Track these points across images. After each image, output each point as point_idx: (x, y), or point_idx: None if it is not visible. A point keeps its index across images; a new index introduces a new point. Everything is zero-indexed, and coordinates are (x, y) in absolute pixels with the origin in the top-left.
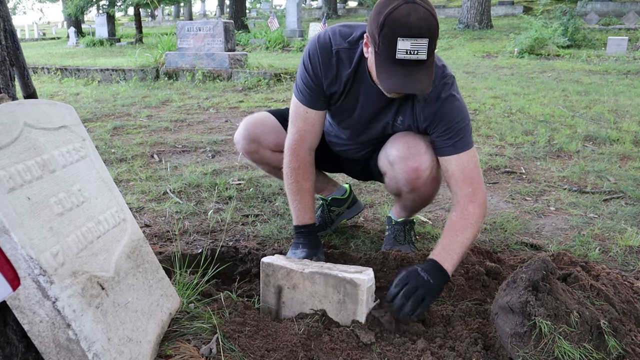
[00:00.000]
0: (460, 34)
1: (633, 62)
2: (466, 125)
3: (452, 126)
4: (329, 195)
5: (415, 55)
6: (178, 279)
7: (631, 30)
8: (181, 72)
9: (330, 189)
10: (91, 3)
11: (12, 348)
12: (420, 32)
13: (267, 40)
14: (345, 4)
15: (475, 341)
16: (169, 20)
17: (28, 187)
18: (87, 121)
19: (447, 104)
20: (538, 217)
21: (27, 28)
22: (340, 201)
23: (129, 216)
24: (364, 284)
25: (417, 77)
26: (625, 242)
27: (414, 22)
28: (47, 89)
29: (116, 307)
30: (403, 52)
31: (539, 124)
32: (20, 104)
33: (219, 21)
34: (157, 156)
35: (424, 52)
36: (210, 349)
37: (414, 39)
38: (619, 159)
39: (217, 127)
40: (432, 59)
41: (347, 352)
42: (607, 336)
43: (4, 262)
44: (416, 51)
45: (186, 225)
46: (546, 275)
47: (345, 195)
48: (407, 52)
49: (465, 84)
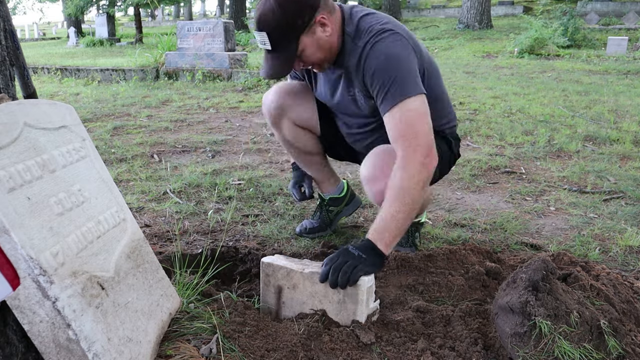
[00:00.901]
0: (460, 34)
1: (633, 62)
2: (391, 76)
3: (376, 82)
4: (327, 194)
5: (264, 45)
6: (178, 279)
7: (631, 30)
8: (181, 72)
9: (330, 184)
10: (91, 3)
11: (12, 348)
12: (257, 26)
13: None
14: (345, 3)
15: (475, 341)
16: (169, 20)
17: (28, 187)
18: (87, 121)
19: (370, 59)
20: (538, 217)
21: (27, 28)
22: (337, 200)
23: (129, 216)
24: (364, 283)
25: (270, 63)
26: (625, 242)
27: (256, 17)
28: (47, 89)
29: (116, 307)
30: (259, 43)
31: (539, 124)
32: (20, 104)
33: (219, 21)
34: (157, 156)
35: (267, 44)
36: (210, 349)
37: (258, 32)
38: (619, 159)
39: (217, 127)
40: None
41: (347, 352)
42: (607, 336)
43: (4, 261)
44: (263, 42)
45: (186, 225)
46: (546, 275)
47: (342, 194)
48: (259, 42)
49: (465, 84)
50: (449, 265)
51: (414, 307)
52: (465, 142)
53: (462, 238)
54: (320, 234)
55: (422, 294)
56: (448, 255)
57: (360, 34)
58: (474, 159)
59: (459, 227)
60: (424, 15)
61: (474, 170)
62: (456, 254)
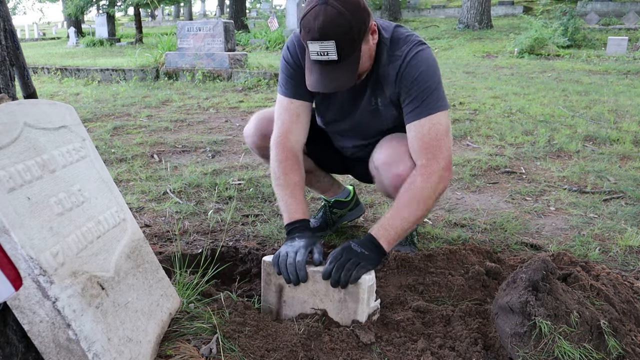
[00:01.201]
0: (460, 34)
1: (633, 62)
2: (429, 88)
3: (413, 90)
4: (332, 197)
5: (326, 56)
6: (178, 279)
7: (631, 30)
8: (181, 72)
9: (334, 190)
10: (91, 3)
11: (12, 348)
12: (324, 34)
13: (267, 40)
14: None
15: (475, 341)
16: (169, 20)
17: (28, 187)
18: (87, 121)
19: (411, 68)
20: (538, 217)
21: (27, 28)
22: (343, 203)
23: (129, 216)
24: (365, 282)
25: (332, 76)
26: (625, 242)
27: (318, 25)
28: (47, 89)
29: (116, 307)
30: (314, 54)
31: (539, 124)
32: (20, 104)
33: (219, 21)
34: (157, 156)
35: (333, 54)
36: (210, 349)
37: (321, 41)
38: (619, 159)
39: (217, 127)
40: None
41: (347, 352)
42: (607, 336)
43: (6, 262)
44: (326, 52)
45: (186, 225)
46: (546, 275)
47: (348, 198)
48: (317, 53)
49: (465, 84)
50: (449, 265)
51: (414, 307)
52: (465, 142)
53: (462, 238)
54: (321, 233)
55: (422, 294)
56: (448, 255)
57: (399, 43)
58: (474, 159)
59: (459, 227)
60: (424, 15)
61: (474, 170)
62: (456, 254)
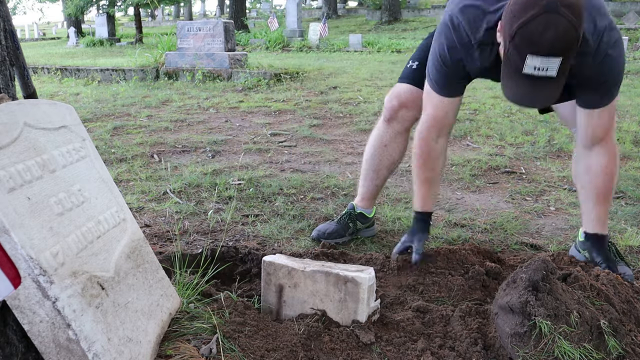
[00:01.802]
0: None
1: (633, 62)
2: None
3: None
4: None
5: (544, 72)
6: (178, 279)
7: (631, 30)
8: (181, 72)
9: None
10: (91, 3)
11: (12, 348)
12: (553, 51)
13: (267, 40)
14: (345, 4)
15: (475, 341)
16: (169, 20)
17: (28, 187)
18: (87, 121)
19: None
20: (538, 217)
21: (27, 28)
22: (366, 219)
23: (129, 216)
24: (365, 282)
25: (543, 92)
26: (625, 242)
27: (548, 40)
28: (47, 89)
29: (116, 307)
30: (531, 68)
31: (539, 124)
32: (20, 104)
33: (219, 21)
34: (157, 156)
35: (553, 70)
36: (210, 349)
37: (546, 57)
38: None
39: (217, 127)
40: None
41: (347, 352)
42: (607, 336)
43: (5, 260)
44: (546, 68)
45: (186, 225)
46: (546, 275)
47: (371, 215)
48: (535, 68)
49: None
50: (448, 265)
51: (414, 307)
52: (465, 142)
53: (462, 238)
54: (337, 240)
55: (422, 294)
56: (448, 255)
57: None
58: (474, 159)
59: (459, 227)
60: (424, 15)
61: (474, 170)
62: (456, 254)
